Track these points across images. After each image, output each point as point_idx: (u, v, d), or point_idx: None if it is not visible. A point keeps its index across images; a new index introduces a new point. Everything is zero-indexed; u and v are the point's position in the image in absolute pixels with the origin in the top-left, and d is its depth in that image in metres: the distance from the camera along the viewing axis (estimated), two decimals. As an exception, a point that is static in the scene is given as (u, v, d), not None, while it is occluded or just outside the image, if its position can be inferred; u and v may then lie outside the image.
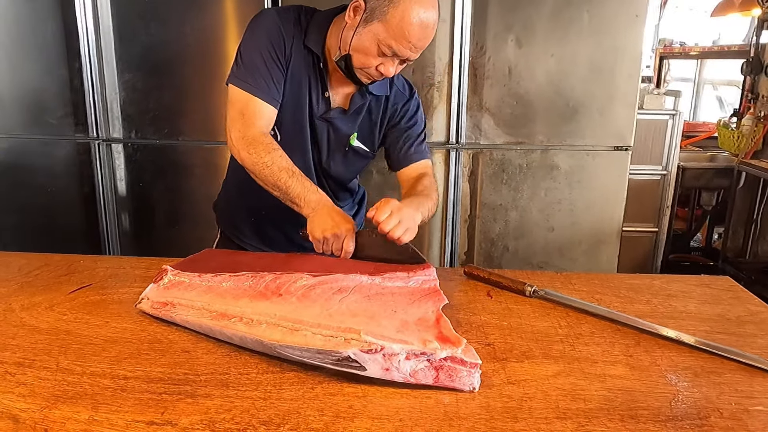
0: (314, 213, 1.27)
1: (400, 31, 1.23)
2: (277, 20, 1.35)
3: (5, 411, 0.76)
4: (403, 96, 1.52)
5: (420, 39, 1.26)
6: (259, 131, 1.33)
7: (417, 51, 1.29)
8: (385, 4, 1.23)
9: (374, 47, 1.27)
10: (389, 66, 1.30)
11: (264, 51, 1.33)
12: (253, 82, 1.32)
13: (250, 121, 1.33)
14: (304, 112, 1.41)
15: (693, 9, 5.78)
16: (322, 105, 1.41)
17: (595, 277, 1.30)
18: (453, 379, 0.82)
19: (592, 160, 2.60)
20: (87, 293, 1.17)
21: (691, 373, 0.88)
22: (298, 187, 1.28)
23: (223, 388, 0.82)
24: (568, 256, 2.72)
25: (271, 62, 1.33)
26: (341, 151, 1.48)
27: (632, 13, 2.44)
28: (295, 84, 1.38)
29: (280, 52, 1.34)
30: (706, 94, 5.40)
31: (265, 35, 1.34)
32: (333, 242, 1.24)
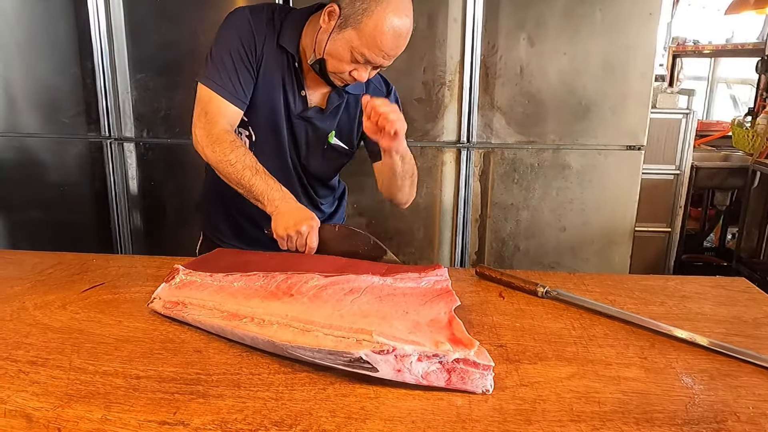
0: (277, 211, 1.28)
1: (373, 40, 1.25)
2: (250, 19, 1.35)
3: (19, 409, 0.76)
4: (381, 92, 1.53)
5: (392, 48, 1.28)
6: (223, 129, 1.33)
7: (390, 59, 1.31)
8: (359, 12, 1.24)
9: (347, 54, 1.28)
10: (362, 72, 1.32)
11: (233, 50, 1.34)
12: (219, 81, 1.33)
13: (214, 120, 1.33)
14: (280, 111, 1.42)
15: (706, 7, 5.73)
16: (299, 104, 1.42)
17: (608, 278, 1.29)
18: (465, 381, 0.81)
19: (605, 159, 2.59)
20: (99, 292, 1.17)
21: (707, 376, 0.87)
22: (262, 185, 1.29)
23: (235, 389, 0.82)
24: (579, 256, 2.70)
25: (240, 62, 1.34)
26: (320, 149, 1.49)
27: (646, 11, 2.42)
28: (270, 83, 1.39)
29: (251, 52, 1.35)
30: (719, 92, 5.34)
31: (236, 35, 1.35)
32: (296, 239, 1.25)
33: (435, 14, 2.47)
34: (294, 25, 1.38)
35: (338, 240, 1.28)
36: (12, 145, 2.76)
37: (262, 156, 1.40)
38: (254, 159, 1.32)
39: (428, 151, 2.62)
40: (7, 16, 2.60)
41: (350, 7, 1.25)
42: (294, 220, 1.25)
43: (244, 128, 1.45)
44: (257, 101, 1.40)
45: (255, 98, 1.40)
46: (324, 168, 1.55)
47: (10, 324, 1.02)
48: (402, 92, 2.53)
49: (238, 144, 1.33)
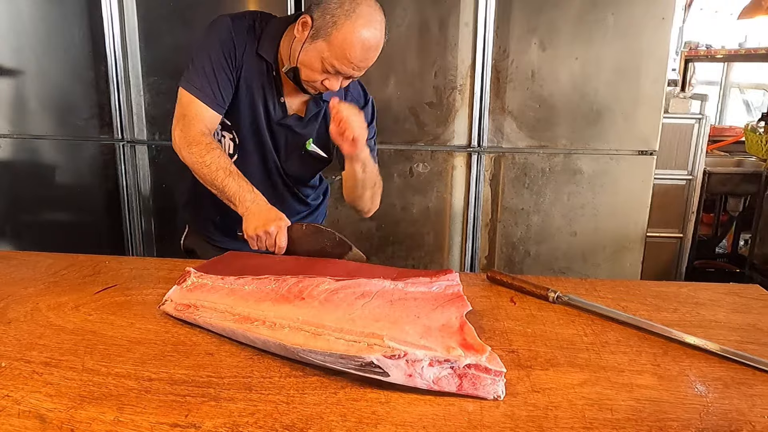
0: (248, 212, 1.32)
1: (342, 52, 1.29)
2: (231, 28, 1.39)
3: (33, 410, 0.77)
4: (359, 102, 1.56)
5: (362, 60, 1.32)
6: (200, 132, 1.37)
7: (360, 70, 1.35)
8: (330, 24, 1.28)
9: (319, 64, 1.32)
10: (334, 82, 1.35)
11: (214, 57, 1.37)
12: (198, 85, 1.37)
13: (191, 123, 1.37)
14: (260, 118, 1.46)
15: (718, 11, 5.69)
16: (278, 111, 1.46)
17: (620, 283, 1.28)
18: (477, 387, 0.81)
19: (616, 164, 2.57)
20: (112, 294, 1.18)
21: (722, 384, 0.86)
22: (234, 187, 1.33)
23: (247, 392, 0.82)
24: (591, 261, 2.68)
25: (219, 68, 1.38)
26: (297, 154, 1.53)
27: (658, 15, 2.41)
28: (250, 91, 1.43)
29: (230, 59, 1.39)
30: (732, 97, 5.30)
31: (217, 42, 1.39)
32: (266, 239, 1.29)
33: (446, 18, 2.47)
34: (273, 34, 1.42)
35: (306, 238, 1.31)
36: (26, 147, 2.79)
37: (247, 159, 1.46)
38: (229, 161, 1.36)
39: (439, 155, 2.62)
40: (22, 19, 2.63)
41: (321, 19, 1.29)
42: (263, 220, 1.29)
43: (228, 132, 1.49)
44: (240, 107, 1.44)
45: (237, 104, 1.44)
46: (302, 173, 1.60)
47: (24, 325, 1.03)
48: (413, 96, 2.55)
49: (213, 146, 1.36)
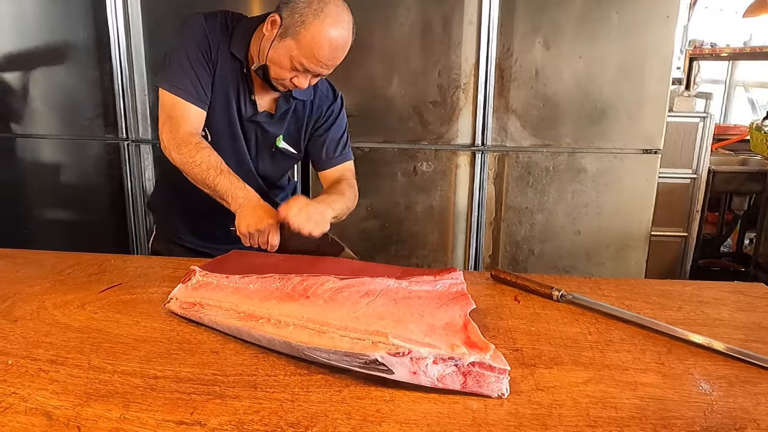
0: (240, 209, 1.33)
1: (310, 50, 1.30)
2: (204, 26, 1.41)
3: (39, 407, 0.77)
4: (327, 99, 1.58)
5: (330, 59, 1.33)
6: (188, 132, 1.39)
7: (328, 68, 1.36)
8: (298, 23, 1.30)
9: (287, 62, 1.33)
10: (302, 80, 1.37)
11: (191, 55, 1.39)
12: (180, 84, 1.38)
13: (178, 123, 1.39)
14: (233, 115, 1.47)
15: (723, 9, 5.67)
16: (249, 108, 1.48)
17: (624, 282, 1.28)
18: (481, 384, 0.81)
19: (621, 163, 2.57)
20: (117, 292, 1.19)
21: (726, 383, 0.86)
22: (226, 184, 1.35)
23: (251, 390, 0.83)
24: (594, 260, 2.68)
25: (198, 65, 1.39)
26: (268, 151, 1.55)
27: (663, 14, 2.40)
28: (222, 88, 1.44)
29: (207, 56, 1.40)
30: (737, 96, 5.29)
31: (192, 40, 1.41)
32: (258, 236, 1.30)
33: (450, 17, 2.47)
34: (244, 32, 1.43)
35: (298, 237, 1.31)
36: (30, 147, 2.80)
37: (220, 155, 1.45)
38: (219, 159, 1.38)
39: (443, 154, 2.62)
40: (26, 19, 2.64)
41: (290, 18, 1.31)
42: (256, 218, 1.30)
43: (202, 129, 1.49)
44: (213, 104, 1.45)
45: (211, 102, 1.45)
46: (272, 169, 1.60)
47: (30, 323, 1.04)
48: (417, 95, 2.55)
49: (203, 145, 1.38)
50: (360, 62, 2.53)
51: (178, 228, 1.67)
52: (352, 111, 2.58)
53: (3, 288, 1.20)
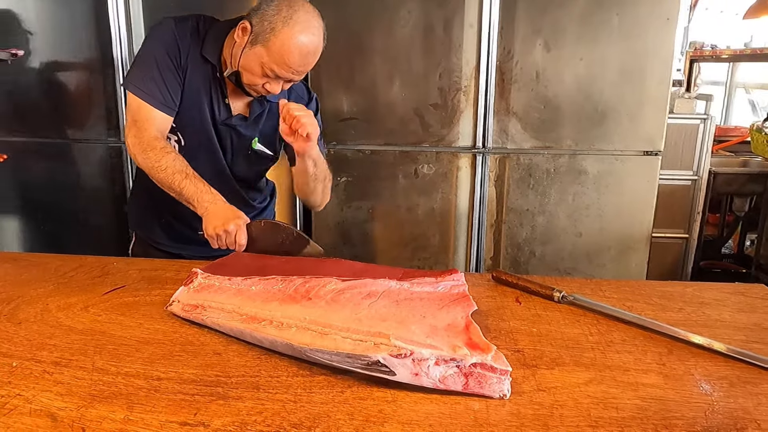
0: (207, 212, 1.34)
1: (281, 57, 1.31)
2: (174, 30, 1.41)
3: (44, 409, 0.78)
4: (303, 100, 1.58)
5: (300, 65, 1.34)
6: (153, 136, 1.39)
7: (300, 74, 1.37)
8: (268, 30, 1.31)
9: (258, 69, 1.34)
10: (275, 85, 1.38)
11: (159, 59, 1.40)
12: (145, 88, 1.39)
13: (143, 127, 1.39)
14: (206, 119, 1.48)
15: (723, 11, 5.68)
16: (223, 111, 1.48)
17: (625, 284, 1.28)
18: (482, 385, 0.82)
19: (622, 165, 2.57)
20: (120, 295, 1.19)
21: (727, 383, 0.87)
22: (192, 188, 1.35)
23: (254, 391, 0.83)
24: (596, 262, 2.69)
25: (166, 70, 1.40)
26: (244, 153, 1.55)
27: (663, 16, 2.41)
28: (194, 92, 1.45)
29: (176, 61, 1.41)
30: (738, 97, 5.29)
31: (161, 44, 1.41)
32: (225, 237, 1.31)
33: (451, 20, 2.48)
34: (216, 36, 1.44)
35: (265, 234, 1.33)
36: (33, 150, 2.81)
37: (193, 161, 1.46)
38: (185, 163, 1.38)
39: (444, 156, 2.62)
40: (30, 22, 2.65)
41: (260, 25, 1.32)
42: (222, 219, 1.31)
43: (173, 133, 1.50)
44: (185, 109, 1.46)
45: (182, 105, 1.46)
46: (249, 172, 1.61)
47: (34, 325, 1.04)
48: (418, 98, 2.56)
49: (168, 150, 1.39)
50: (361, 65, 2.54)
51: (153, 232, 1.67)
52: (354, 113, 2.60)
53: (7, 290, 1.20)
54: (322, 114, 2.50)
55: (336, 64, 2.54)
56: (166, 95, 1.41)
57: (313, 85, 2.53)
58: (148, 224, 1.68)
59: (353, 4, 2.51)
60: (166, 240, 1.66)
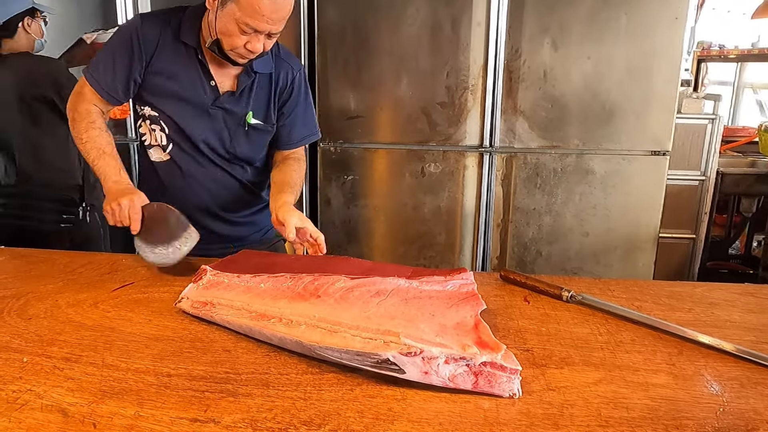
0: (108, 191, 1.37)
1: (251, 8, 1.29)
2: (138, 26, 1.43)
3: (55, 404, 0.78)
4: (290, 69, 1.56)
5: (273, 11, 1.31)
6: (87, 109, 1.44)
7: (276, 23, 1.34)
8: None
9: (235, 27, 1.33)
10: (255, 43, 1.36)
11: (116, 52, 1.43)
12: (97, 76, 1.44)
13: (82, 99, 1.45)
14: (195, 105, 1.48)
15: (731, 11, 5.65)
16: (210, 94, 1.48)
17: (634, 283, 1.28)
18: (492, 384, 0.81)
19: (629, 164, 2.57)
20: (130, 291, 1.20)
21: (738, 384, 0.86)
22: (103, 166, 1.39)
23: (264, 388, 0.83)
24: (603, 261, 2.68)
25: (120, 64, 1.43)
26: (242, 131, 1.54)
27: (672, 15, 2.40)
28: (176, 81, 1.46)
29: (134, 55, 1.43)
30: (746, 97, 5.26)
31: (120, 39, 1.44)
32: (118, 212, 1.31)
33: (459, 18, 2.48)
34: (192, 18, 1.45)
35: (156, 216, 1.33)
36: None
37: (182, 149, 1.51)
38: (106, 141, 1.42)
39: (450, 155, 2.62)
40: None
41: None
42: (116, 195, 1.33)
43: (156, 124, 1.51)
44: (166, 98, 1.47)
45: (163, 96, 1.47)
46: (250, 149, 1.59)
47: (45, 321, 1.05)
48: (425, 96, 2.56)
49: (97, 125, 1.43)
50: (368, 63, 2.53)
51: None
52: (360, 112, 2.60)
53: (17, 286, 1.21)
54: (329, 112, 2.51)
55: (343, 62, 2.54)
56: (114, 85, 1.44)
57: (320, 83, 2.53)
58: None
59: (361, 2, 2.51)
60: None
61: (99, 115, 1.46)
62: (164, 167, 1.55)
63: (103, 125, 1.45)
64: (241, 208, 1.64)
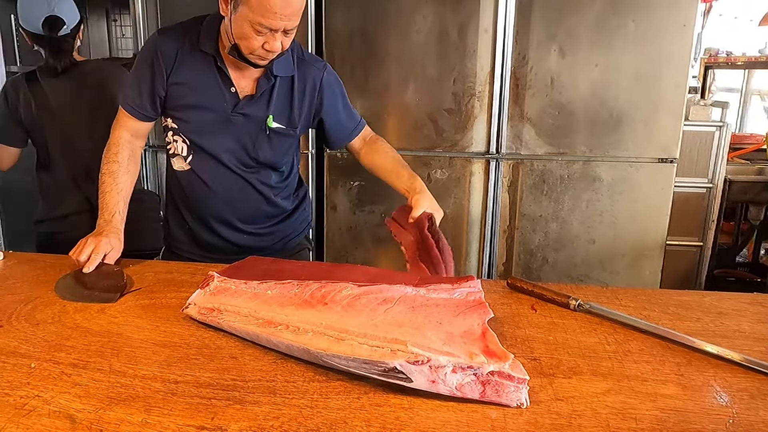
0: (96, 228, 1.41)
1: (262, 7, 1.29)
2: (157, 42, 1.47)
3: (62, 410, 0.78)
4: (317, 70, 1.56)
5: (285, 6, 1.31)
6: (118, 137, 1.51)
7: (289, 18, 1.33)
8: None
9: (250, 29, 1.33)
10: (273, 42, 1.36)
11: (140, 71, 1.49)
12: (125, 97, 1.51)
13: (116, 127, 1.53)
14: (216, 113, 1.50)
15: (738, 17, 5.63)
16: (230, 101, 1.49)
17: (642, 292, 1.27)
18: (500, 394, 0.81)
19: (636, 171, 2.56)
20: (137, 297, 1.20)
21: (747, 395, 0.86)
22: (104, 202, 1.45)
23: (271, 395, 0.83)
24: (609, 269, 2.67)
25: (144, 82, 1.48)
26: (263, 136, 1.54)
27: (680, 22, 2.40)
28: (196, 91, 1.48)
29: (158, 71, 1.46)
30: (753, 105, 5.24)
31: (142, 58, 1.50)
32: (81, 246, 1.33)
33: (466, 25, 2.48)
34: (210, 28, 1.46)
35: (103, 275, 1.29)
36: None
37: (203, 159, 1.53)
38: (119, 179, 1.47)
39: (457, 161, 2.62)
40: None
41: None
42: (96, 233, 1.38)
43: (179, 135, 1.53)
44: (188, 109, 1.50)
45: (184, 107, 1.50)
46: (273, 154, 1.58)
47: (52, 327, 1.05)
48: (432, 102, 2.56)
49: (119, 158, 1.49)
50: (376, 69, 2.54)
51: (179, 239, 1.67)
52: (367, 118, 2.58)
53: (24, 291, 1.22)
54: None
55: (350, 68, 2.54)
56: (140, 103, 1.49)
57: (327, 89, 2.53)
58: (174, 233, 1.68)
59: (368, 8, 2.52)
60: (193, 247, 1.65)
61: (126, 144, 1.52)
62: (186, 177, 1.56)
63: (124, 158, 1.50)
64: (262, 220, 1.65)
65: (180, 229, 1.66)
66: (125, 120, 1.52)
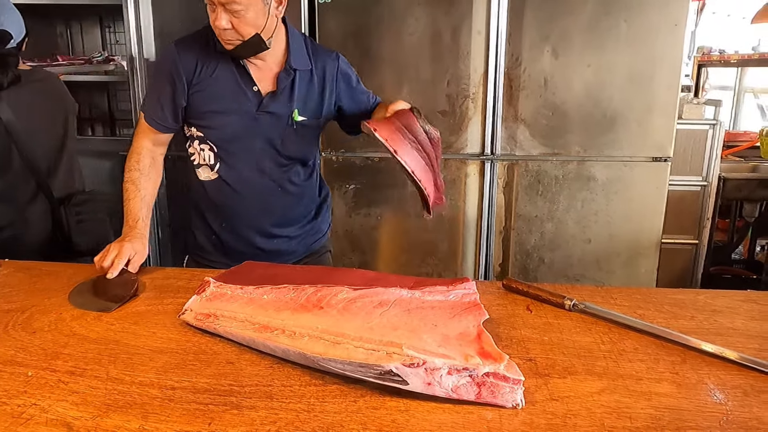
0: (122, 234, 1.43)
1: None
2: (175, 54, 1.48)
3: (59, 418, 0.79)
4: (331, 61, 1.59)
5: None
6: (140, 146, 1.53)
7: None
8: None
9: (207, 7, 1.36)
10: (215, 18, 1.35)
11: (159, 85, 1.51)
12: (146, 110, 1.53)
13: (138, 136, 1.55)
14: (242, 115, 1.50)
15: (731, 15, 5.65)
16: (254, 100, 1.50)
17: (636, 291, 1.28)
18: (495, 395, 0.82)
19: (630, 171, 2.57)
20: (133, 304, 1.20)
21: (741, 392, 0.86)
22: (128, 209, 1.48)
23: (268, 400, 0.84)
24: (605, 268, 2.68)
25: (164, 94, 1.49)
26: (290, 130, 1.55)
27: (671, 21, 2.41)
28: (219, 95, 1.49)
29: (178, 83, 1.47)
30: (746, 102, 5.26)
31: (160, 71, 1.53)
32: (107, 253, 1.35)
33: (459, 27, 2.49)
34: None
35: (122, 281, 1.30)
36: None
37: (231, 165, 1.53)
38: (142, 186, 1.49)
39: (452, 163, 2.63)
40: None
41: None
42: (121, 239, 1.40)
43: (205, 143, 1.54)
44: (212, 115, 1.50)
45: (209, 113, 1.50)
46: (301, 146, 1.60)
47: (49, 334, 1.05)
48: (426, 104, 2.56)
49: (140, 166, 1.51)
50: (370, 72, 2.54)
51: (204, 248, 1.66)
52: (362, 121, 2.60)
53: (21, 300, 1.22)
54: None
55: (344, 71, 2.55)
56: (161, 116, 1.51)
57: (321, 92, 2.54)
58: (199, 242, 1.67)
59: (361, 11, 2.53)
60: (218, 256, 1.65)
61: (148, 153, 1.54)
62: (213, 186, 1.56)
63: (146, 166, 1.52)
64: (291, 222, 1.65)
65: (206, 238, 1.65)
66: (147, 130, 1.53)
